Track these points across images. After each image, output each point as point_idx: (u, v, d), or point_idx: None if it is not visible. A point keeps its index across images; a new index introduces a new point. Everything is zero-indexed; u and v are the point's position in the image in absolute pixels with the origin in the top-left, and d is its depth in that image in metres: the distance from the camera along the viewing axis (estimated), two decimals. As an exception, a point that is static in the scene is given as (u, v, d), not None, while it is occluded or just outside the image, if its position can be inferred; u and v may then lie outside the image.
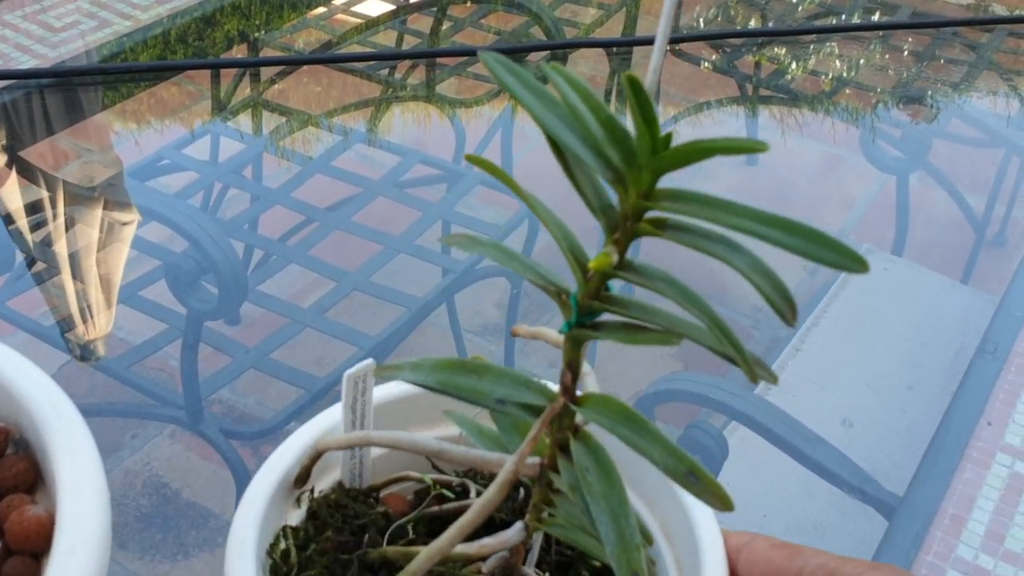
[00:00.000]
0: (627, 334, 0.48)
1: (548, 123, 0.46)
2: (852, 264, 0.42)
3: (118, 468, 1.14)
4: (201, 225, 1.35)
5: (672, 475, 0.48)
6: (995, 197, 1.60)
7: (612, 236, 0.47)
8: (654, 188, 0.45)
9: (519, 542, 0.56)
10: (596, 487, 0.49)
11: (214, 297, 1.28)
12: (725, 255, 0.45)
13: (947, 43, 1.99)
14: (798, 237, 0.43)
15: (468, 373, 0.51)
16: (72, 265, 1.32)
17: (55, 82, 1.61)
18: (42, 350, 1.23)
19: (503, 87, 0.46)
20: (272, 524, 0.59)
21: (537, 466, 0.53)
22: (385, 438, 0.55)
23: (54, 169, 1.49)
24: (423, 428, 0.65)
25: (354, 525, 0.60)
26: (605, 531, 0.48)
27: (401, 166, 1.54)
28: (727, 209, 0.44)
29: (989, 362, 1.15)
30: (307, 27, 1.91)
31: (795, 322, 0.45)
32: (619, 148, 0.45)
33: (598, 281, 0.48)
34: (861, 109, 1.81)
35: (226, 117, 1.67)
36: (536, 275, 0.50)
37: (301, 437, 0.61)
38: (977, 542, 0.97)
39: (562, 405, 0.51)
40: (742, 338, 0.45)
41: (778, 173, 1.65)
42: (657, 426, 0.49)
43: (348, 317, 1.31)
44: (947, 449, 1.04)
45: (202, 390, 1.20)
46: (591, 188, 0.47)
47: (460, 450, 0.54)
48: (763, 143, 0.42)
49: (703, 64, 1.90)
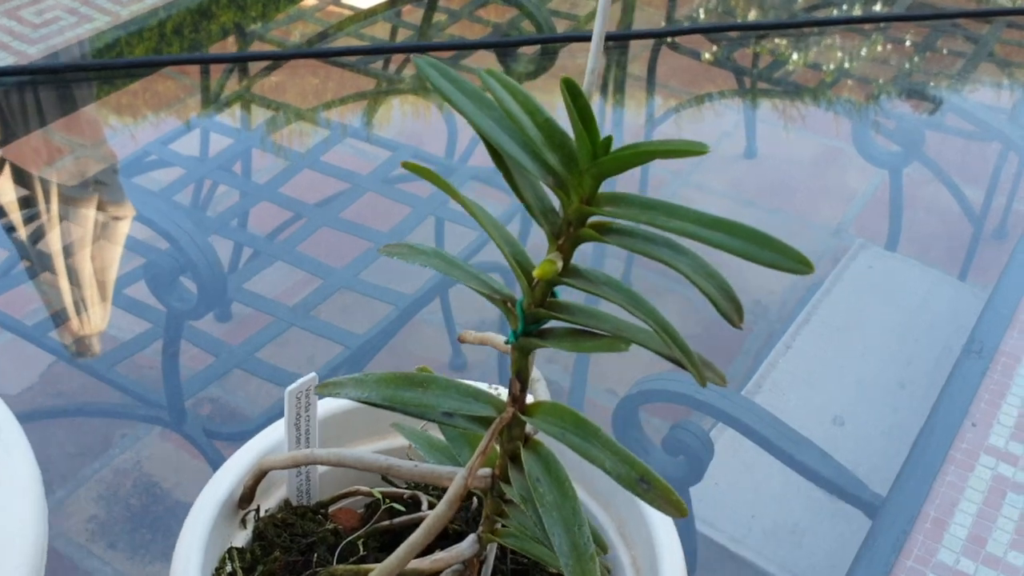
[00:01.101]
0: (574, 341, 0.47)
1: (485, 128, 0.44)
2: (797, 266, 0.41)
3: (108, 467, 1.13)
4: (178, 223, 1.33)
5: (624, 482, 0.47)
6: (993, 190, 1.58)
7: (556, 242, 0.46)
8: (596, 193, 0.44)
9: (473, 555, 0.54)
10: (548, 497, 0.48)
11: (193, 296, 1.26)
12: (668, 258, 0.43)
13: (946, 35, 1.97)
14: (740, 239, 0.41)
15: (414, 387, 0.49)
16: (59, 263, 1.31)
17: (37, 78, 1.60)
18: (28, 351, 1.22)
19: (438, 93, 0.45)
20: (217, 547, 0.57)
21: (488, 477, 0.52)
22: (330, 456, 0.54)
23: (44, 165, 1.47)
24: (373, 440, 0.64)
25: (302, 544, 0.58)
26: (559, 542, 0.47)
27: (392, 161, 1.52)
28: (669, 212, 0.42)
29: (975, 362, 1.13)
30: (299, 19, 1.89)
31: (742, 324, 0.43)
32: (559, 152, 0.43)
33: (544, 288, 0.47)
34: (856, 101, 1.79)
35: (215, 112, 1.66)
36: (480, 284, 0.48)
37: (243, 456, 0.59)
38: (958, 546, 0.96)
39: (511, 415, 0.49)
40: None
41: (777, 167, 1.63)
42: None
43: (335, 315, 1.30)
44: (930, 451, 1.03)
45: (186, 390, 1.19)
46: (532, 193, 0.46)
47: (409, 465, 0.52)
48: (703, 145, 0.40)
49: (703, 56, 1.88)
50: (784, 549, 1.00)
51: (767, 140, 1.68)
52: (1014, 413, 1.10)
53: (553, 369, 1.21)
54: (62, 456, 1.09)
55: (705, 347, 1.25)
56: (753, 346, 1.25)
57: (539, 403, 0.49)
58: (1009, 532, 0.98)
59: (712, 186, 1.52)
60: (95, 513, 1.05)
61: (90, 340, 1.24)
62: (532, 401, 0.50)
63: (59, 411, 1.15)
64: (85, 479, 1.07)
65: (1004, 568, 0.94)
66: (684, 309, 1.30)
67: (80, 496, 1.05)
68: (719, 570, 1.00)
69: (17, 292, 1.28)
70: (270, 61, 1.74)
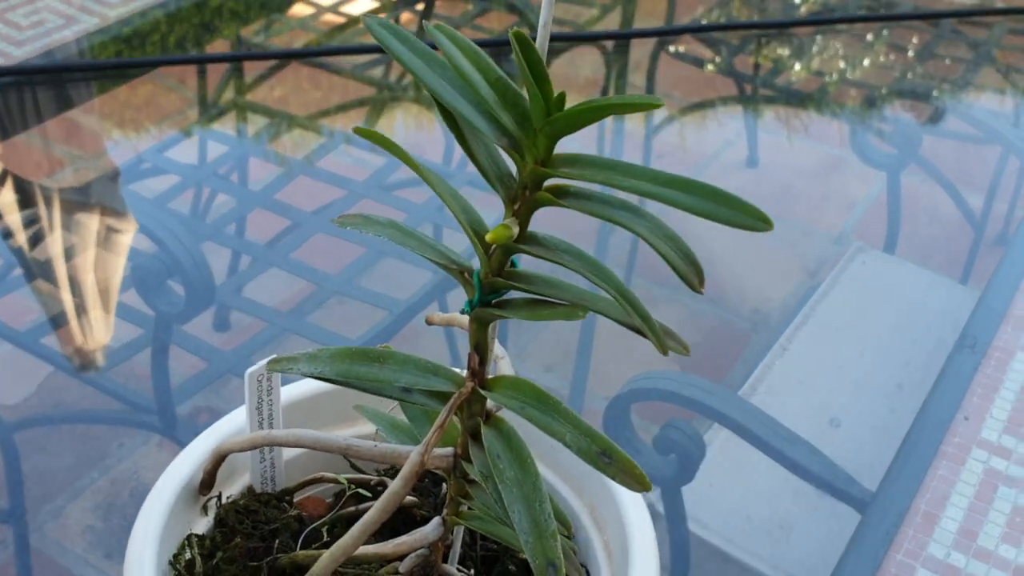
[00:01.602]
0: (531, 310, 0.45)
1: (436, 88, 0.43)
2: (755, 222, 0.39)
3: (105, 477, 1.11)
4: (165, 225, 1.32)
5: (584, 456, 0.45)
6: (994, 195, 1.56)
7: (512, 207, 0.44)
8: (551, 154, 0.42)
9: (437, 539, 0.53)
10: (508, 473, 0.46)
11: (181, 300, 1.25)
12: (626, 221, 0.42)
13: (947, 40, 1.95)
14: (697, 195, 0.40)
15: (370, 362, 0.48)
16: (55, 271, 1.30)
17: (32, 79, 1.59)
18: (28, 361, 1.21)
19: (389, 52, 0.43)
20: (175, 534, 0.55)
21: (451, 456, 0.50)
22: (288, 437, 0.52)
23: (37, 170, 1.47)
24: (339, 426, 0.62)
25: (264, 530, 0.57)
26: (519, 519, 0.45)
27: (388, 167, 1.51)
28: (624, 171, 0.41)
29: (968, 356, 1.12)
30: (297, 28, 1.88)
31: (703, 288, 0.42)
32: (512, 112, 0.42)
33: (500, 256, 0.45)
34: (857, 107, 1.78)
35: (211, 119, 1.65)
36: (436, 254, 0.47)
37: (204, 441, 0.58)
38: (949, 540, 0.94)
39: (470, 390, 0.48)
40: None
41: (780, 175, 1.61)
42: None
43: (330, 321, 1.29)
44: (921, 445, 1.01)
45: (179, 396, 1.18)
46: (487, 157, 0.45)
47: (368, 445, 0.51)
48: (658, 99, 0.39)
49: (705, 65, 1.87)
50: (773, 545, 0.99)
51: (769, 149, 1.67)
52: (1007, 407, 1.08)
53: (551, 378, 1.19)
54: (59, 466, 1.08)
55: (705, 355, 1.23)
56: (753, 353, 1.24)
57: (499, 377, 0.48)
58: (1000, 525, 0.96)
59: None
60: (92, 523, 1.04)
61: (87, 349, 1.23)
62: (494, 375, 0.49)
63: (51, 419, 1.14)
64: (82, 489, 1.06)
65: (995, 561, 0.92)
66: (682, 317, 1.28)
67: (77, 506, 1.04)
68: (708, 568, 0.98)
69: (11, 300, 1.27)
70: (267, 66, 1.73)
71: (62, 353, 1.21)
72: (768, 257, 1.43)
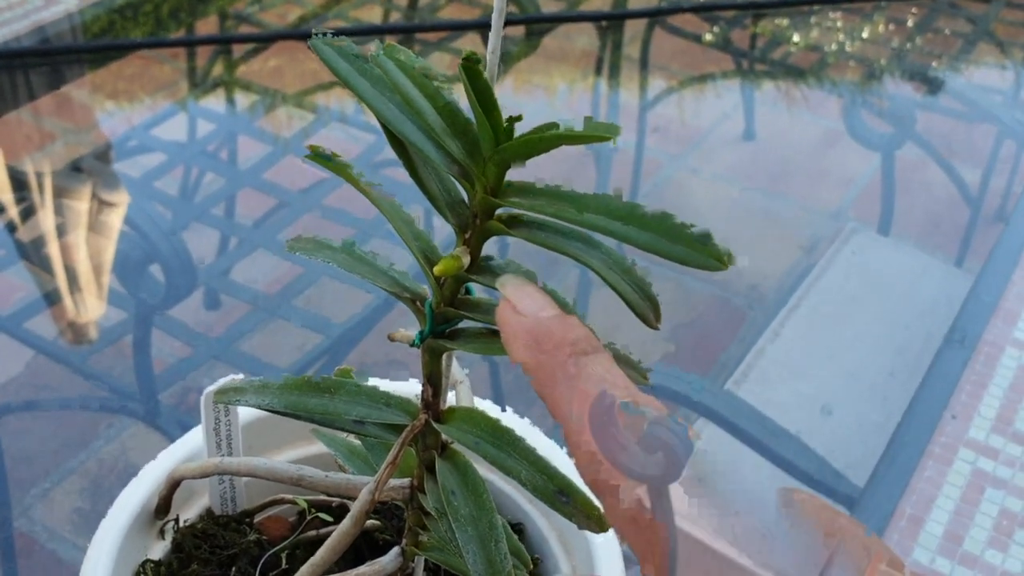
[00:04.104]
0: (484, 343, 0.43)
1: (386, 114, 0.41)
2: (709, 261, 0.37)
3: (93, 458, 1.10)
4: (145, 211, 1.30)
5: (541, 496, 0.44)
6: (990, 172, 1.54)
7: (463, 235, 0.42)
8: (502, 182, 0.40)
9: (396, 569, 0.51)
10: (463, 511, 0.45)
11: (161, 287, 1.24)
12: (579, 253, 0.40)
13: (945, 15, 1.93)
14: (653, 232, 0.38)
15: (320, 393, 0.46)
16: (40, 252, 1.29)
17: (22, 60, 1.58)
18: (12, 345, 1.20)
19: (336, 75, 0.41)
20: (130, 560, 0.54)
21: (407, 488, 0.49)
22: (240, 466, 0.50)
23: (23, 149, 1.45)
24: (302, 445, 0.61)
25: (222, 556, 0.55)
26: (473, 560, 0.43)
27: (377, 145, 1.49)
28: (578, 203, 0.39)
29: (957, 351, 1.10)
30: (289, 2, 1.86)
31: (658, 325, 0.40)
32: (461, 140, 0.40)
33: (452, 286, 0.43)
34: (854, 82, 1.76)
35: (200, 95, 1.63)
36: (389, 281, 0.45)
37: (161, 462, 0.56)
38: (934, 544, 0.92)
39: (423, 423, 0.46)
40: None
41: (776, 149, 1.59)
42: (527, 442, 0.44)
43: (317, 304, 1.27)
44: (908, 445, 0.99)
45: (164, 381, 1.17)
46: (437, 184, 0.43)
47: (320, 475, 0.49)
48: (614, 127, 0.37)
49: (703, 37, 1.84)
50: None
51: (766, 122, 1.65)
52: (996, 405, 1.06)
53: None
54: (46, 448, 1.07)
55: (697, 336, 1.22)
56: (746, 335, 1.22)
57: (455, 409, 0.46)
58: (987, 529, 0.94)
59: (710, 169, 1.48)
60: (79, 505, 1.03)
61: (72, 332, 1.22)
62: (448, 407, 0.47)
63: (36, 403, 1.13)
64: (70, 471, 1.05)
65: (981, 567, 0.90)
66: (676, 296, 1.27)
67: (64, 488, 1.03)
68: (696, 564, 0.97)
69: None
70: (254, 45, 1.71)
71: (46, 337, 1.19)
72: (765, 233, 1.41)
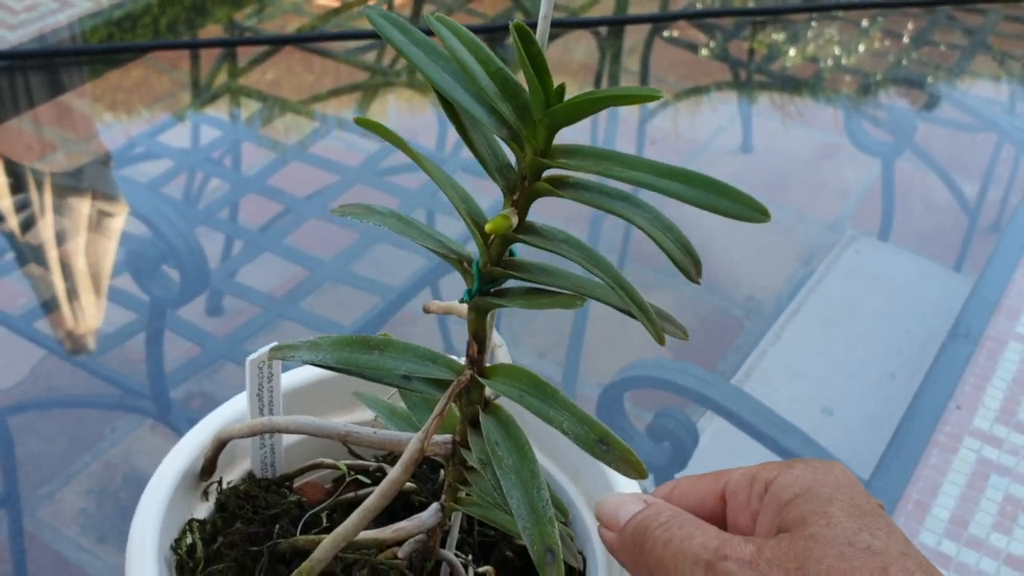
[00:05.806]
0: (529, 299, 0.45)
1: (437, 79, 0.43)
2: (754, 214, 0.40)
3: (98, 461, 1.11)
4: (159, 209, 1.32)
5: (582, 444, 0.46)
6: (988, 182, 1.56)
7: (511, 197, 0.44)
8: (551, 144, 0.43)
9: (435, 524, 0.53)
10: (507, 461, 0.47)
11: (176, 285, 1.25)
12: (624, 211, 0.42)
13: (942, 26, 1.96)
14: (698, 188, 0.40)
15: (370, 350, 0.48)
16: (48, 255, 1.30)
17: (24, 64, 1.59)
18: (21, 345, 1.21)
19: (391, 44, 0.44)
20: (176, 519, 0.56)
21: (449, 443, 0.51)
22: (288, 423, 0.53)
23: (30, 155, 1.46)
24: (339, 413, 0.63)
25: (265, 516, 0.57)
26: (517, 505, 0.46)
27: (382, 153, 1.51)
28: (622, 162, 0.41)
29: (961, 345, 1.12)
30: (290, 12, 1.88)
31: (700, 279, 0.42)
32: (512, 103, 0.42)
33: (499, 246, 0.46)
34: (851, 93, 1.78)
35: (203, 103, 1.65)
36: (436, 243, 0.47)
37: (205, 427, 0.58)
38: (941, 528, 0.95)
39: (469, 378, 0.48)
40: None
41: (774, 161, 1.61)
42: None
43: (323, 307, 1.29)
44: (913, 434, 1.01)
45: (173, 381, 1.18)
46: (487, 148, 0.45)
47: (368, 432, 0.51)
48: (658, 91, 0.39)
49: (700, 50, 1.87)
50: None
51: (763, 134, 1.67)
52: (999, 396, 1.09)
53: (544, 364, 1.20)
54: (52, 449, 1.08)
55: (699, 342, 1.24)
56: (746, 340, 1.24)
57: (498, 366, 0.48)
58: (992, 514, 0.96)
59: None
60: (85, 506, 1.04)
61: (80, 333, 1.23)
62: (491, 365, 0.49)
63: (44, 403, 1.14)
64: (76, 473, 1.06)
65: (986, 550, 0.93)
66: (676, 303, 1.29)
67: (70, 489, 1.04)
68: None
69: (3, 285, 1.27)
70: (260, 50, 1.73)
71: (55, 337, 1.21)
72: (763, 244, 1.43)
